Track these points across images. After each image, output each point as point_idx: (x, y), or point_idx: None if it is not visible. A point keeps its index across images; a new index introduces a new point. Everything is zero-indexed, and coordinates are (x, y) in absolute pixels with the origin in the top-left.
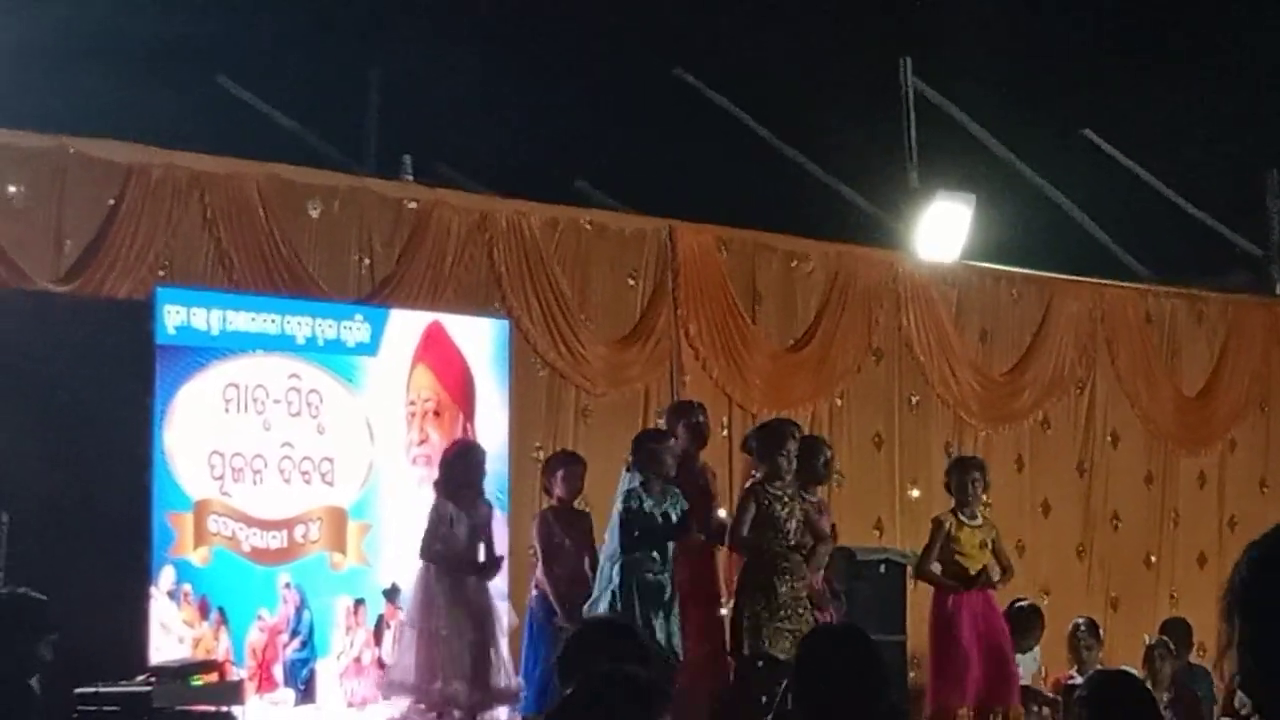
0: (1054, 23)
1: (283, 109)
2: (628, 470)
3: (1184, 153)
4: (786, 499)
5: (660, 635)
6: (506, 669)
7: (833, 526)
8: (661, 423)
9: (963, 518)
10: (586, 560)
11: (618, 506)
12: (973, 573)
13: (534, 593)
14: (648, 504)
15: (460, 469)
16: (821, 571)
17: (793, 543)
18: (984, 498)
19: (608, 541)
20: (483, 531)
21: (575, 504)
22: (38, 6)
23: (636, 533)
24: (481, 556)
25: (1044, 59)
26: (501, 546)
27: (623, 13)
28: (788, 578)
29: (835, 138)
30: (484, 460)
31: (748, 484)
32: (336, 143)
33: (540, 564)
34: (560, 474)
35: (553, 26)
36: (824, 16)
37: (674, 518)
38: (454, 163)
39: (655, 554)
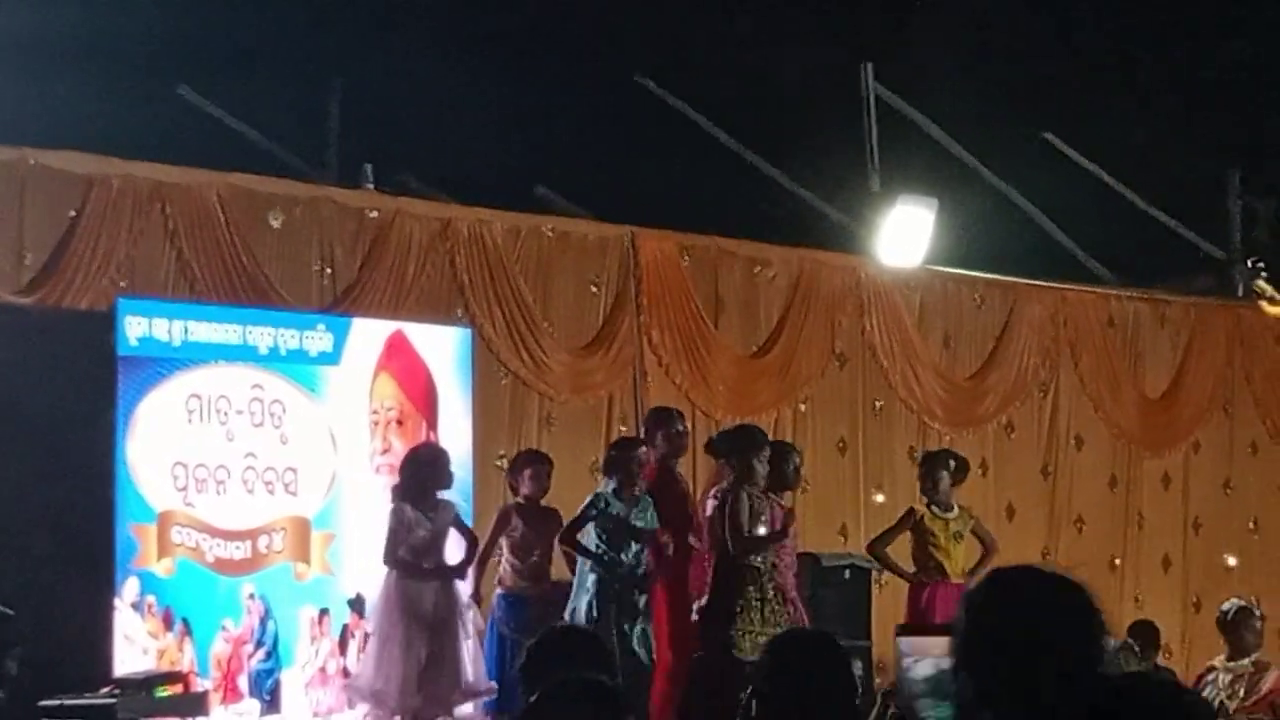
0: (1015, 27)
1: (243, 119)
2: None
3: (1146, 156)
4: (759, 501)
5: (634, 641)
6: (467, 672)
7: None
8: (626, 429)
9: (935, 510)
10: (551, 558)
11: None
12: (945, 566)
13: (497, 591)
14: (616, 508)
15: (420, 473)
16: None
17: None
18: (954, 490)
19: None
20: (447, 531)
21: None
22: None
23: (603, 534)
24: (449, 555)
25: (1005, 63)
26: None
27: (584, 19)
28: (761, 579)
29: (797, 144)
30: (447, 464)
31: (723, 486)
32: (297, 152)
33: (480, 549)
34: (527, 472)
35: (514, 34)
36: (785, 23)
37: (642, 527)
38: (415, 171)
39: (627, 558)
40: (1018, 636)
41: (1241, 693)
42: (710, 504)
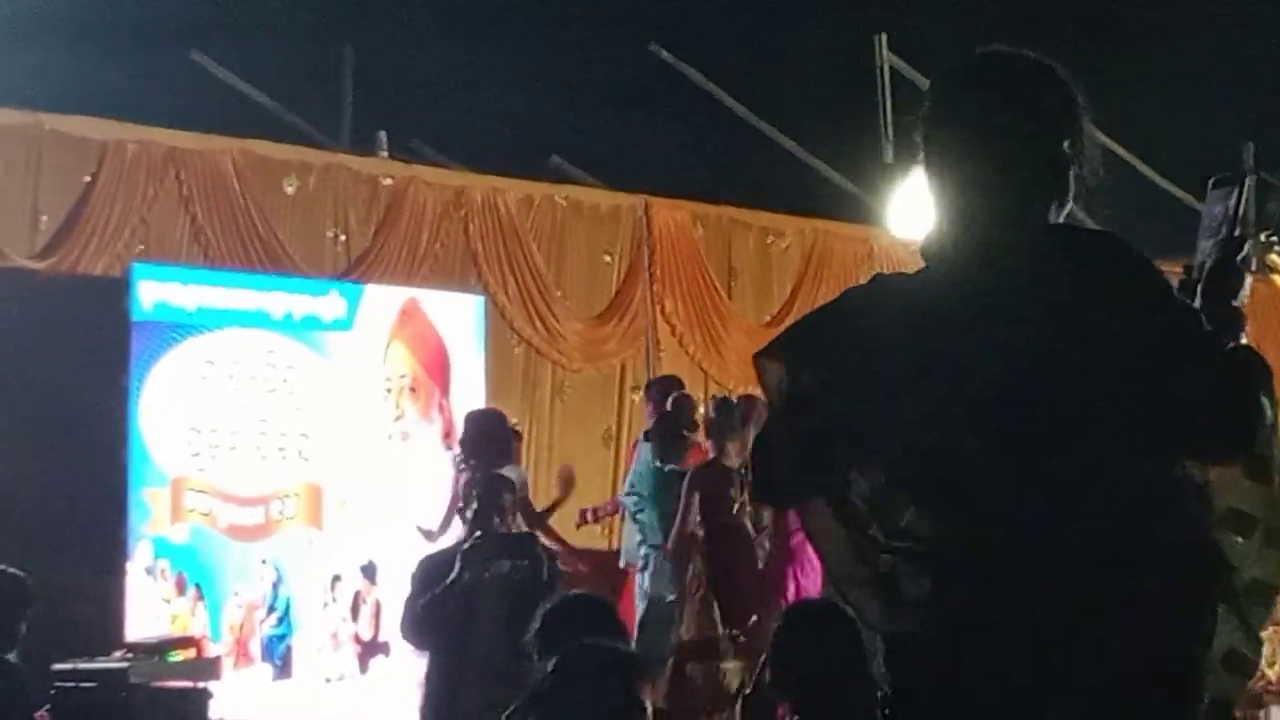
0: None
1: (257, 85)
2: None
3: (1160, 129)
4: None
5: None
6: None
7: None
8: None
9: None
10: None
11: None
12: None
13: None
14: None
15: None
16: None
17: None
18: None
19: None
20: None
21: None
22: None
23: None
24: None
25: (1017, 35)
26: None
27: None
28: None
29: (810, 114)
30: None
31: None
32: (311, 119)
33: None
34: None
35: (527, 2)
36: None
37: None
38: (429, 139)
39: None
40: None
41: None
42: None
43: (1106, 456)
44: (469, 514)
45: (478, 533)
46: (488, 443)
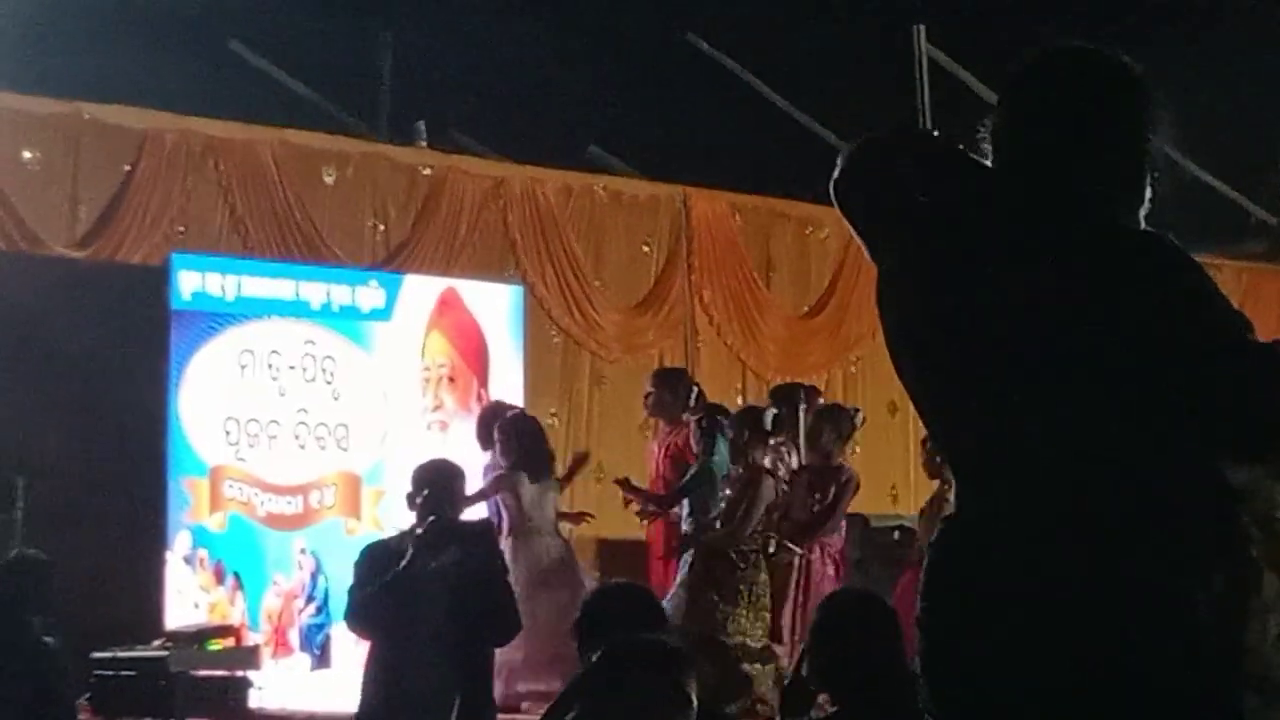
0: None
1: (296, 75)
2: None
3: (1198, 120)
4: None
5: None
6: None
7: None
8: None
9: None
10: None
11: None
12: None
13: None
14: None
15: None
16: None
17: None
18: None
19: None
20: None
21: None
22: None
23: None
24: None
25: (1057, 26)
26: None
27: None
28: None
29: (849, 104)
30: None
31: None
32: (350, 109)
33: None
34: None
35: None
36: None
37: None
38: (467, 129)
39: None
40: None
41: None
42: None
43: (1128, 443)
44: (418, 500)
45: (431, 518)
46: (530, 451)
